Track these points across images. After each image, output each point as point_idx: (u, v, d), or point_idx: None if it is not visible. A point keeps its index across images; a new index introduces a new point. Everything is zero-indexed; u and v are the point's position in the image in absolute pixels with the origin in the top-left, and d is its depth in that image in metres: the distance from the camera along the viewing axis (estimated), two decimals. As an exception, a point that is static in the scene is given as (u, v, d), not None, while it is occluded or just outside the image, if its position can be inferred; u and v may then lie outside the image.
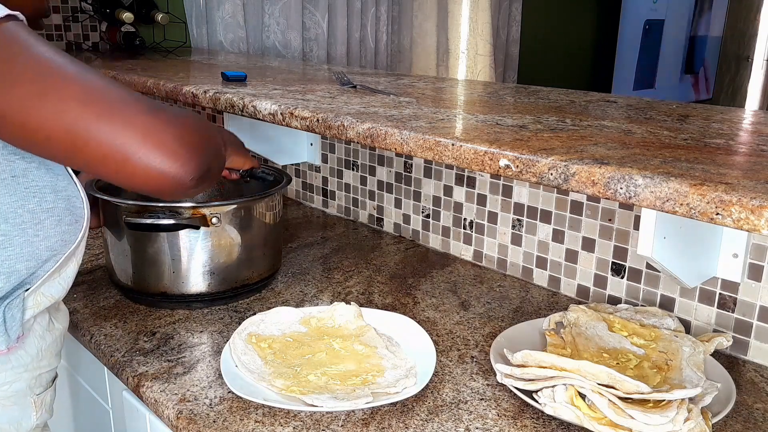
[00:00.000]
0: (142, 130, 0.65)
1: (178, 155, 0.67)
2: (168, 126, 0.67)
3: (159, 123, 0.66)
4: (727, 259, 1.04)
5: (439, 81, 1.62)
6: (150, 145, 0.65)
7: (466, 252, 1.46)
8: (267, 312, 1.12)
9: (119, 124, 0.64)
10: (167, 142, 0.66)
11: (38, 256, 0.79)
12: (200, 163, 0.69)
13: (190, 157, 0.68)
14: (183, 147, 0.67)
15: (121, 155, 0.64)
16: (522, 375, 0.91)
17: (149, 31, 2.30)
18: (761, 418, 0.90)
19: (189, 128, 0.69)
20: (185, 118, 0.71)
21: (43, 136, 0.64)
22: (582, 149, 0.82)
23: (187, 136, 0.68)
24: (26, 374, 0.83)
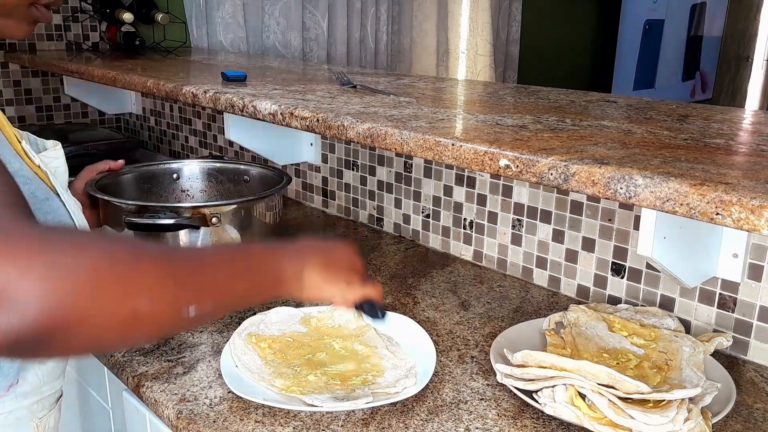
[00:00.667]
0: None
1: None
2: (11, 258, 0.43)
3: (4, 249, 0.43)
4: (727, 259, 1.04)
5: (439, 81, 1.62)
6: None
7: (466, 252, 1.46)
8: (267, 312, 1.12)
9: None
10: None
11: None
12: (46, 324, 0.43)
13: (26, 312, 0.42)
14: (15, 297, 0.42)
15: None
16: (522, 375, 0.91)
17: (149, 31, 2.30)
18: (761, 418, 0.90)
19: (61, 276, 0.43)
20: (74, 257, 0.45)
21: None
22: (582, 149, 0.82)
23: (40, 284, 0.42)
24: (26, 401, 0.79)
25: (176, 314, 0.52)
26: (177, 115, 2.24)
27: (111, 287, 0.46)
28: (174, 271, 0.53)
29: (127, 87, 1.61)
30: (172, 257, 0.55)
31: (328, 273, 0.76)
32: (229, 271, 0.61)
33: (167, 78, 1.52)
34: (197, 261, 0.57)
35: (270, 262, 0.69)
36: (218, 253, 0.64)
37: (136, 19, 2.18)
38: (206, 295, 0.57)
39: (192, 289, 0.55)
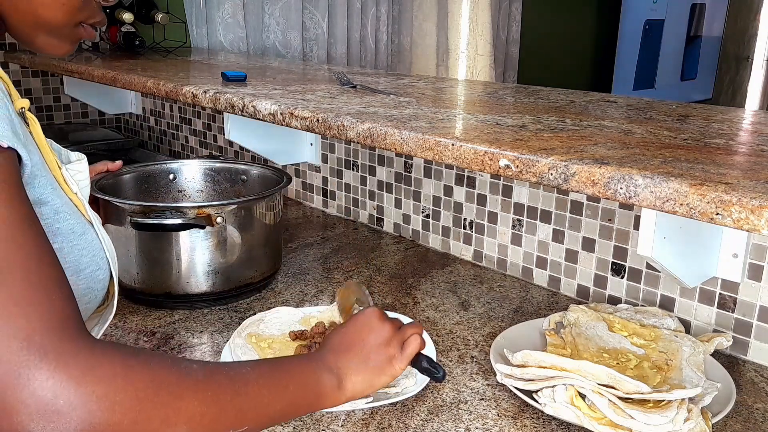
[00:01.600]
0: (19, 373, 0.44)
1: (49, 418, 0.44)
2: (62, 389, 0.45)
3: (57, 372, 0.45)
4: (727, 259, 1.04)
5: (439, 81, 1.63)
6: (12, 400, 0.44)
7: (466, 252, 1.46)
8: (267, 312, 1.12)
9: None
10: (42, 410, 0.44)
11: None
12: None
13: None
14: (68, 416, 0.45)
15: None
16: (522, 375, 0.91)
17: (149, 31, 2.30)
18: (761, 418, 0.90)
19: (111, 398, 0.46)
20: (122, 386, 0.48)
21: None
22: (582, 149, 0.82)
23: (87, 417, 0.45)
24: None
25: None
26: (177, 115, 2.24)
27: (153, 416, 0.49)
28: (216, 397, 0.55)
29: (127, 87, 1.61)
30: (215, 380, 0.56)
31: (367, 367, 0.77)
32: (269, 392, 0.62)
33: (167, 78, 1.52)
34: (240, 383, 0.59)
35: (308, 378, 0.69)
36: (259, 373, 0.63)
37: (136, 19, 2.18)
38: (246, 418, 0.58)
39: (233, 413, 0.56)
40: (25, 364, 0.44)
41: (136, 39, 2.19)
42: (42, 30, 0.71)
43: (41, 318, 0.47)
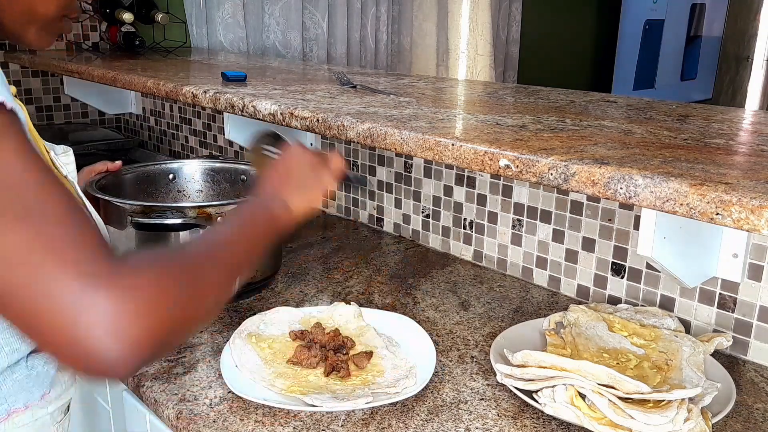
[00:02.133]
0: (83, 299, 0.50)
1: (120, 345, 0.51)
2: (121, 302, 0.51)
3: (105, 296, 0.50)
4: (727, 259, 1.04)
5: (439, 81, 1.62)
6: (85, 320, 0.50)
7: (466, 252, 1.46)
8: (267, 312, 1.12)
9: (57, 284, 0.50)
10: (110, 325, 0.50)
11: None
12: (150, 353, 0.53)
13: (136, 348, 0.51)
14: (130, 335, 0.51)
15: (48, 321, 0.50)
16: (522, 375, 0.91)
17: (149, 31, 2.30)
18: (761, 418, 0.90)
19: (156, 309, 0.53)
20: (160, 289, 0.55)
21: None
22: (582, 149, 0.82)
23: (145, 321, 0.52)
24: (51, 408, 0.82)
25: (231, 289, 0.66)
26: (177, 115, 2.24)
27: (192, 305, 0.58)
28: (218, 262, 0.65)
29: (127, 87, 1.61)
30: (212, 252, 0.66)
31: (305, 189, 0.91)
32: (246, 238, 0.74)
33: (167, 78, 1.52)
34: (226, 243, 0.70)
35: (265, 212, 0.82)
36: (232, 229, 0.75)
37: (136, 19, 2.18)
38: (240, 266, 0.70)
39: (230, 267, 0.67)
40: (83, 289, 0.50)
41: (136, 39, 2.19)
42: (35, 24, 0.75)
43: (85, 249, 0.52)
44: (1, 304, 0.52)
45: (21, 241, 0.50)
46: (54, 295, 0.50)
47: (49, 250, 0.51)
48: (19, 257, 0.50)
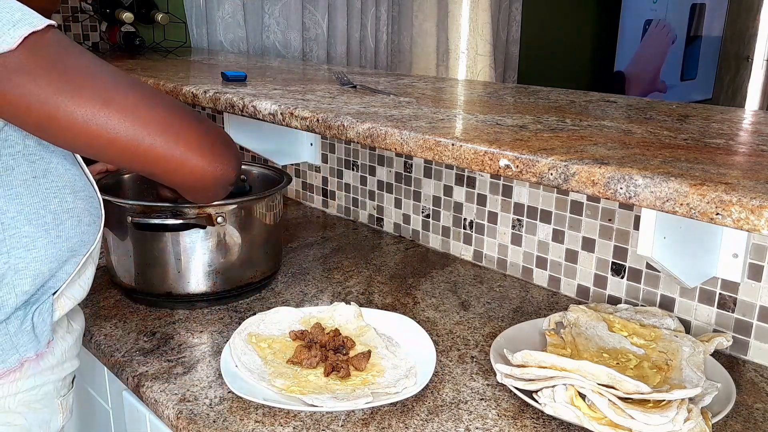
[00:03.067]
0: (196, 139, 0.75)
1: (224, 157, 0.78)
2: (213, 135, 0.78)
3: (206, 133, 0.77)
4: (727, 259, 1.04)
5: (439, 81, 1.62)
6: (204, 151, 0.76)
7: (466, 252, 1.46)
8: (267, 312, 1.12)
9: (176, 135, 0.73)
10: (216, 148, 0.77)
11: (60, 258, 0.79)
12: (239, 159, 0.81)
13: (232, 156, 0.80)
14: (227, 149, 0.79)
15: (179, 161, 0.74)
16: (522, 375, 0.91)
17: (149, 31, 2.30)
18: (761, 418, 0.90)
19: (224, 135, 0.81)
20: (216, 127, 0.82)
21: (106, 141, 0.70)
22: (582, 149, 0.82)
23: (228, 141, 0.81)
24: (53, 376, 0.84)
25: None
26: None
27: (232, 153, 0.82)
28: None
29: (127, 87, 1.61)
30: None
31: None
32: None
33: (167, 78, 1.52)
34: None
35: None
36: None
37: (136, 19, 2.18)
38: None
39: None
40: (201, 138, 0.76)
41: (136, 39, 2.19)
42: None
43: (195, 121, 0.77)
44: (139, 153, 0.72)
45: (143, 100, 0.72)
46: (183, 141, 0.74)
47: (169, 106, 0.75)
48: (131, 124, 0.70)
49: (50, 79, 0.66)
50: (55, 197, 0.77)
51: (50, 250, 0.78)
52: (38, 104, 0.66)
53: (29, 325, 0.78)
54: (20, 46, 0.64)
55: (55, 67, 0.67)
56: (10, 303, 0.76)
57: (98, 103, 0.68)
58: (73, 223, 0.80)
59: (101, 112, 0.68)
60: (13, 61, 0.64)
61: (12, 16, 0.64)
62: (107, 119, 0.68)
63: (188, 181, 0.78)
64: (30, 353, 0.79)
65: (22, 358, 0.79)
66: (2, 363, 0.77)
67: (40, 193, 0.76)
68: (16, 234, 0.75)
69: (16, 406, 0.79)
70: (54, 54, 0.67)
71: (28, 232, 0.76)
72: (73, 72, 0.68)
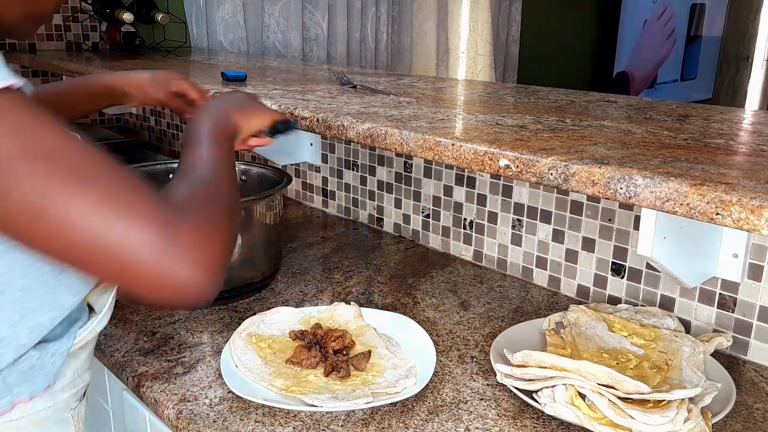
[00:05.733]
0: (162, 241, 0.56)
1: (202, 271, 0.58)
2: (192, 235, 0.59)
3: (182, 232, 0.58)
4: (727, 259, 1.04)
5: (439, 81, 1.62)
6: (169, 258, 0.57)
7: (466, 252, 1.46)
8: (267, 312, 1.12)
9: (135, 232, 0.56)
10: (190, 256, 0.58)
11: (61, 305, 0.75)
12: (223, 271, 0.62)
13: (214, 270, 0.60)
14: (207, 261, 0.59)
15: (135, 266, 0.56)
16: (522, 375, 0.91)
17: (149, 31, 2.30)
18: (761, 418, 0.90)
19: (214, 232, 0.62)
20: (209, 215, 0.63)
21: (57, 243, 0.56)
22: (582, 149, 0.82)
23: (213, 246, 0.60)
24: (63, 395, 0.81)
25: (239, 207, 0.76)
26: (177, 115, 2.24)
27: (231, 227, 0.66)
28: (225, 185, 0.72)
29: (127, 87, 1.61)
30: (213, 179, 0.72)
31: (244, 108, 0.94)
32: (223, 157, 0.78)
33: (167, 78, 1.51)
34: (215, 166, 0.75)
35: (220, 130, 0.84)
36: (211, 155, 0.77)
37: (136, 19, 2.18)
38: (233, 180, 0.76)
39: (232, 195, 0.72)
40: (160, 233, 0.56)
41: (136, 39, 2.19)
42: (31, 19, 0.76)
43: (148, 198, 0.58)
44: (84, 260, 0.56)
45: (91, 202, 0.55)
46: (136, 243, 0.55)
47: (120, 205, 0.56)
48: (93, 216, 0.55)
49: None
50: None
51: (49, 299, 0.73)
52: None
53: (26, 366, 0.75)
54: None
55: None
56: (4, 358, 0.72)
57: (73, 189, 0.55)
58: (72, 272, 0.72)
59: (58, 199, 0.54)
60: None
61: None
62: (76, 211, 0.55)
63: (150, 297, 0.59)
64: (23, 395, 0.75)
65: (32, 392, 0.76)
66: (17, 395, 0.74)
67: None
68: (8, 290, 0.70)
69: (25, 425, 0.77)
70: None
71: (23, 285, 0.70)
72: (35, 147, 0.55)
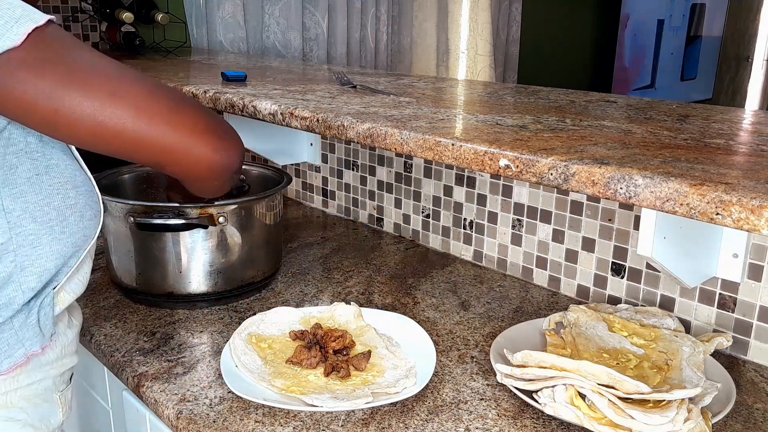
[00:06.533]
0: (201, 128, 0.76)
1: (229, 145, 0.79)
2: (217, 124, 0.78)
3: (210, 122, 0.77)
4: (727, 259, 1.04)
5: (439, 81, 1.62)
6: (208, 140, 0.76)
7: (466, 252, 1.46)
8: (267, 312, 1.12)
9: (182, 124, 0.74)
10: (221, 137, 0.77)
11: (64, 254, 0.80)
12: (242, 148, 0.82)
13: (236, 144, 0.81)
14: (230, 138, 0.80)
15: (185, 150, 0.75)
16: (522, 375, 0.91)
17: (149, 31, 2.30)
18: (761, 418, 0.90)
19: (227, 124, 0.82)
20: (219, 116, 0.81)
21: (113, 133, 0.70)
22: (582, 149, 0.82)
23: (231, 130, 0.81)
24: (52, 371, 0.85)
25: None
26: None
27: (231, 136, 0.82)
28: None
29: (127, 87, 1.61)
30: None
31: None
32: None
33: (167, 78, 1.52)
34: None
35: None
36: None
37: (136, 19, 2.18)
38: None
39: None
40: (212, 135, 0.77)
41: (136, 39, 2.18)
42: None
43: (200, 111, 0.77)
44: (137, 144, 0.72)
45: (131, 106, 0.70)
46: (188, 130, 0.74)
47: (174, 97, 0.75)
48: (134, 118, 0.70)
49: (55, 74, 0.66)
50: (58, 194, 0.78)
51: (55, 247, 0.79)
52: (44, 99, 0.66)
53: (34, 320, 0.79)
54: (24, 42, 0.64)
55: (59, 61, 0.67)
56: (17, 300, 0.77)
57: (104, 96, 0.68)
58: (76, 219, 0.80)
59: (107, 103, 0.68)
60: (17, 57, 0.64)
61: (13, 13, 0.64)
62: (113, 111, 0.68)
63: (194, 171, 0.79)
64: (36, 347, 0.80)
65: (28, 352, 0.79)
66: (9, 358, 0.78)
67: (43, 191, 0.76)
68: (22, 232, 0.75)
69: (17, 400, 0.80)
70: (58, 48, 0.68)
71: (34, 229, 0.76)
72: (77, 65, 0.68)
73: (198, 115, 0.76)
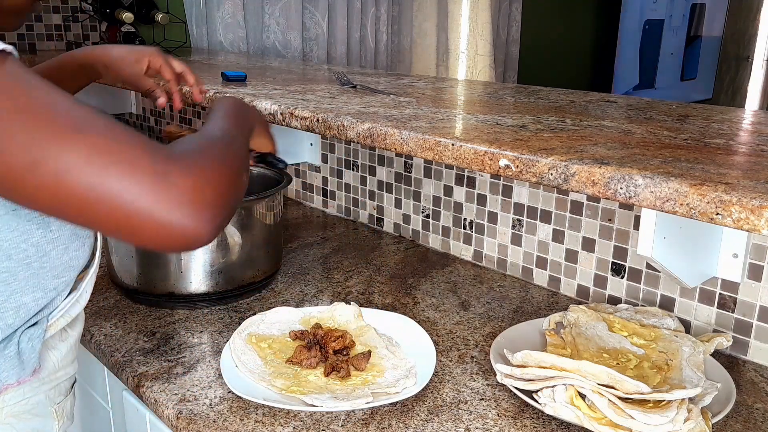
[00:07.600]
0: (156, 187, 0.56)
1: (197, 214, 0.57)
2: (185, 178, 0.57)
3: (174, 176, 0.56)
4: (727, 259, 1.04)
5: (439, 81, 1.62)
6: (163, 203, 0.56)
7: (466, 252, 1.46)
8: (267, 312, 1.12)
9: (129, 180, 0.55)
10: (184, 200, 0.56)
11: (45, 286, 0.76)
12: (222, 215, 0.60)
13: (210, 213, 0.58)
14: (202, 203, 0.57)
15: (131, 214, 0.55)
16: (522, 375, 0.91)
17: (149, 31, 2.30)
18: (761, 418, 0.90)
19: (210, 176, 0.60)
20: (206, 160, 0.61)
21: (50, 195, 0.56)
22: (582, 149, 0.82)
23: (208, 188, 0.59)
24: (44, 387, 0.81)
25: (248, 163, 0.77)
26: (177, 115, 2.24)
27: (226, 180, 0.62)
28: (231, 147, 0.73)
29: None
30: (224, 137, 0.77)
31: (264, 130, 1.01)
32: (240, 141, 0.82)
33: (167, 78, 1.51)
34: (227, 120, 0.86)
35: (239, 105, 0.90)
36: (227, 118, 0.87)
37: (136, 19, 2.18)
38: (245, 145, 0.85)
39: (240, 150, 0.77)
40: (154, 178, 0.55)
41: (136, 39, 2.19)
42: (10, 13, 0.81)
43: (141, 145, 0.58)
44: (78, 212, 0.56)
45: (83, 153, 0.54)
46: (131, 190, 0.55)
47: (113, 153, 0.56)
48: (85, 165, 0.54)
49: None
50: (39, 228, 0.72)
51: (33, 281, 0.74)
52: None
53: (13, 351, 0.74)
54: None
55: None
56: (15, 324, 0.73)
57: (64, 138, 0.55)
58: (58, 252, 0.75)
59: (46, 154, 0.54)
60: None
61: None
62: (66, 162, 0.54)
63: (145, 242, 0.58)
64: (11, 380, 0.75)
65: (3, 384, 0.75)
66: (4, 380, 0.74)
67: (20, 226, 0.71)
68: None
69: (4, 417, 0.76)
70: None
71: (8, 267, 0.71)
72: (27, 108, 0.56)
73: (162, 168, 0.57)
